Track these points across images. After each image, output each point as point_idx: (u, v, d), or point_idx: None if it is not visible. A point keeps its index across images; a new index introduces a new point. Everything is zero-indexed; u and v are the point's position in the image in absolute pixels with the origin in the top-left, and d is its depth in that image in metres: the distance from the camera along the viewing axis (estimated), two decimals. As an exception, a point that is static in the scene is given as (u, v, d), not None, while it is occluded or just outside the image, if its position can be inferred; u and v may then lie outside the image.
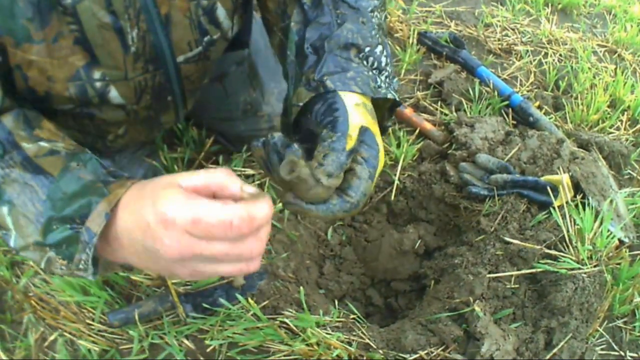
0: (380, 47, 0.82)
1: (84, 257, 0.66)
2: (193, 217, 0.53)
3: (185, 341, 1.09)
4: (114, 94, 0.88)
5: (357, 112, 0.73)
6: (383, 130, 0.87)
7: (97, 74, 0.83)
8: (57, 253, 0.69)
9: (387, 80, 0.83)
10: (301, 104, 0.77)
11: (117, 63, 0.84)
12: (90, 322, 1.14)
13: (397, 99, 0.83)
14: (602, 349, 1.10)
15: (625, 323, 1.15)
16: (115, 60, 0.84)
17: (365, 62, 0.80)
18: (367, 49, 0.80)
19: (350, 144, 0.69)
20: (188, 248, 0.55)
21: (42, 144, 0.74)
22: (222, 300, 1.12)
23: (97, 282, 1.16)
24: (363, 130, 0.71)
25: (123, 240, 0.63)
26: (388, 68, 0.83)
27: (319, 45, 0.78)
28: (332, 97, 0.74)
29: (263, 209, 0.55)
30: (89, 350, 1.10)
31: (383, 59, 0.82)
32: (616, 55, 1.89)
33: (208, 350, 1.08)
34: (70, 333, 1.13)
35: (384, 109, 0.86)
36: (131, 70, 0.87)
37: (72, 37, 0.77)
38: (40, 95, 0.82)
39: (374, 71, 0.80)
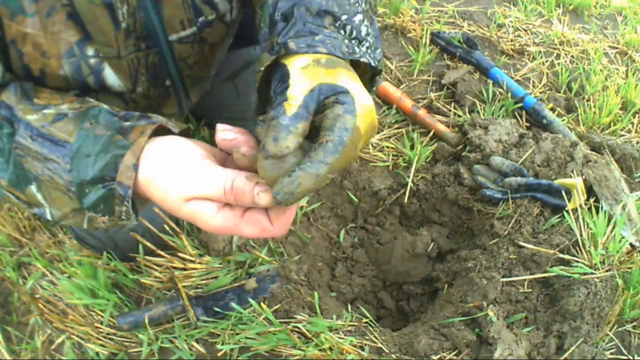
0: (360, 16, 0.74)
1: (124, 209, 0.69)
2: (237, 234, 0.64)
3: (196, 345, 1.09)
4: (108, 72, 0.87)
5: (303, 76, 0.63)
6: None
7: (90, 51, 0.83)
8: (96, 212, 0.71)
9: (368, 50, 0.74)
10: (262, 68, 0.69)
11: (109, 40, 0.84)
12: (99, 326, 1.13)
13: (375, 64, 0.73)
14: (611, 353, 1.10)
15: (634, 327, 1.15)
16: (106, 36, 0.83)
17: (342, 32, 0.72)
18: (344, 16, 0.72)
19: (289, 108, 0.60)
20: (222, 232, 0.65)
21: (47, 111, 0.74)
22: (233, 304, 1.12)
23: (106, 285, 1.16)
24: (316, 90, 0.62)
25: (153, 198, 0.68)
26: (369, 39, 0.75)
27: (289, 12, 0.73)
28: (281, 70, 0.66)
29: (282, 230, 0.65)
30: (97, 354, 1.10)
31: (363, 29, 0.74)
32: (627, 57, 1.88)
33: (219, 354, 1.08)
34: (78, 336, 1.13)
35: (364, 80, 0.75)
36: (123, 48, 0.86)
37: (64, 12, 0.77)
38: (35, 74, 0.82)
39: (353, 41, 0.72)
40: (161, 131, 0.72)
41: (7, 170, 0.74)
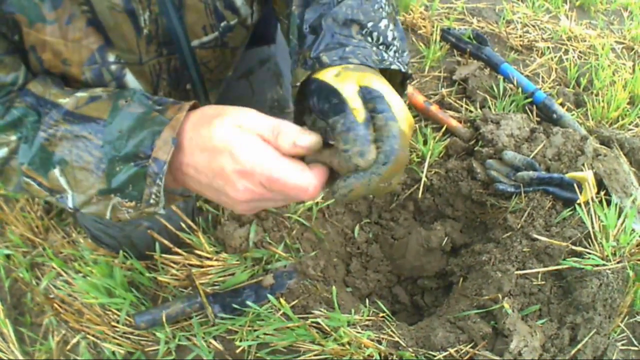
0: (385, 21, 0.76)
1: (155, 190, 0.67)
2: (272, 175, 0.61)
3: (214, 342, 1.09)
4: (130, 78, 0.86)
5: (341, 83, 0.65)
6: None
7: (111, 57, 0.82)
8: (123, 196, 0.70)
9: (396, 55, 0.76)
10: (298, 84, 0.72)
11: (131, 46, 0.83)
12: (115, 325, 1.13)
13: (404, 70, 0.75)
14: (622, 344, 1.11)
15: (645, 318, 1.16)
16: (128, 43, 0.82)
17: (369, 39, 0.74)
18: (370, 24, 0.74)
19: (358, 115, 0.62)
20: (258, 196, 0.63)
21: (79, 94, 0.74)
22: (250, 301, 1.11)
23: (123, 284, 1.16)
24: (361, 91, 0.65)
25: (188, 170, 0.67)
26: (396, 43, 0.77)
27: (316, 24, 0.74)
28: (316, 83, 0.67)
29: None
30: (113, 353, 1.10)
31: (389, 34, 0.76)
32: (633, 52, 1.89)
33: (237, 351, 1.07)
34: (93, 336, 1.13)
35: (395, 84, 0.78)
36: (145, 54, 0.85)
37: (84, 18, 0.76)
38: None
39: (381, 47, 0.74)
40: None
41: (29, 155, 0.73)
